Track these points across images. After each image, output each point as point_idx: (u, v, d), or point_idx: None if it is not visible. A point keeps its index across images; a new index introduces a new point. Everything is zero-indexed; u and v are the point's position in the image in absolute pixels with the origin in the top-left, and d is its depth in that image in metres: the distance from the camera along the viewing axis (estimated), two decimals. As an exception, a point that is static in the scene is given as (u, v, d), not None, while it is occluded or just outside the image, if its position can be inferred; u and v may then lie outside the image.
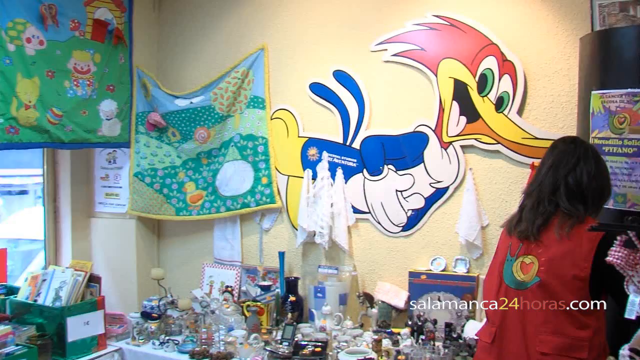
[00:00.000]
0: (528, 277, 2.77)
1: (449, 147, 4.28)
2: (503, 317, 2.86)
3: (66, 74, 4.63)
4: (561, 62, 3.95)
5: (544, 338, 2.71)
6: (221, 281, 5.15)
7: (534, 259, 2.79)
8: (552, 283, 2.71)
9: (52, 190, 5.33)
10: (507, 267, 2.89)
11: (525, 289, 2.77)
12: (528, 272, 2.78)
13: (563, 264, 2.71)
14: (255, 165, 5.00)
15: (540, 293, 2.73)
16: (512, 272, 2.86)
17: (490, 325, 2.95)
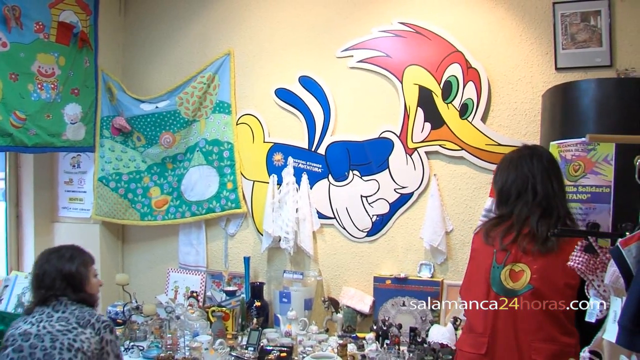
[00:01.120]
0: (519, 285, 2.78)
1: (413, 153, 4.32)
2: (494, 326, 2.83)
3: (30, 77, 4.59)
4: (524, 70, 4.01)
5: (538, 346, 2.74)
6: (186, 286, 5.13)
7: (525, 266, 2.80)
8: (545, 291, 2.75)
9: (14, 195, 5.26)
10: (495, 275, 2.86)
11: (516, 296, 2.78)
12: (519, 279, 2.79)
13: (556, 272, 2.76)
14: (220, 170, 4.99)
15: (533, 301, 2.75)
16: (500, 280, 2.84)
17: (478, 335, 2.89)
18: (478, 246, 3.03)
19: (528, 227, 2.84)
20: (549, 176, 2.94)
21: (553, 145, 3.40)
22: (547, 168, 2.96)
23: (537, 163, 2.96)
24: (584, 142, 3.21)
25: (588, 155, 3.19)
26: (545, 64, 3.97)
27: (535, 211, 2.87)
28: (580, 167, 3.23)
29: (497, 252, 2.88)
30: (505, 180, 2.99)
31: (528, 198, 2.90)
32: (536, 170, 2.94)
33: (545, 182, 2.91)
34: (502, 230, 2.89)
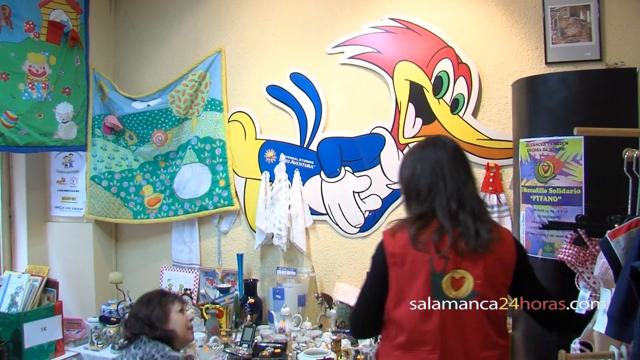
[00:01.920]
0: (462, 292, 2.50)
1: (405, 149, 4.33)
2: (443, 339, 2.49)
3: (21, 77, 4.57)
4: (515, 65, 4.03)
5: (486, 354, 2.52)
6: (180, 284, 5.13)
7: (466, 273, 2.50)
8: (489, 294, 2.52)
9: (6, 195, 5.25)
10: (436, 284, 2.50)
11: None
12: (461, 287, 2.50)
13: (495, 272, 2.55)
14: (212, 167, 5.00)
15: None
16: (442, 289, 2.50)
17: (427, 352, 2.50)
18: (404, 251, 2.56)
19: (458, 226, 2.53)
20: (456, 165, 2.65)
21: (522, 142, 3.40)
22: (453, 157, 2.66)
23: (442, 152, 2.67)
24: (552, 141, 3.20)
25: (557, 155, 3.17)
26: (535, 59, 3.98)
27: (456, 206, 2.57)
28: (549, 168, 3.21)
29: (434, 259, 2.50)
30: (412, 174, 2.70)
31: (440, 191, 2.59)
32: (443, 159, 2.64)
33: (454, 172, 2.62)
34: (432, 233, 2.53)
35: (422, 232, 2.54)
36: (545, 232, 3.21)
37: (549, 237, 3.21)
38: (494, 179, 4.04)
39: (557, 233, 3.16)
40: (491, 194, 4.04)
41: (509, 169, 4.01)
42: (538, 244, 3.27)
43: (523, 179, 3.39)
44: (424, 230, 2.54)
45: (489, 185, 4.05)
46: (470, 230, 2.50)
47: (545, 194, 3.22)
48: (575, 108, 3.19)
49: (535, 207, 3.29)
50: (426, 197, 2.61)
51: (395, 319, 2.54)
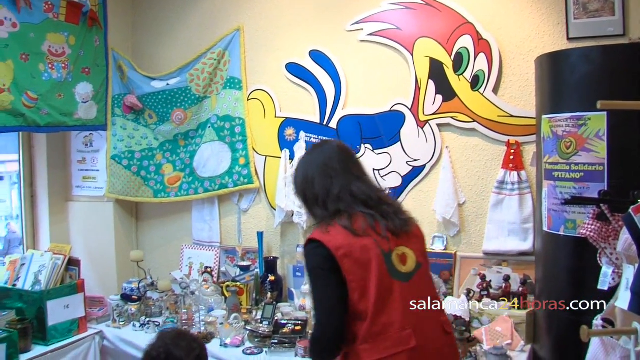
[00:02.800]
0: (409, 267, 2.60)
1: (425, 126, 4.31)
2: (408, 314, 2.51)
3: (41, 57, 4.58)
4: (536, 41, 3.98)
5: (444, 319, 2.68)
6: (200, 262, 5.16)
7: (405, 248, 2.63)
8: (426, 265, 2.72)
9: (28, 175, 5.29)
10: (389, 263, 2.55)
11: (412, 278, 2.59)
12: (407, 261, 2.60)
13: (423, 246, 2.78)
14: (232, 146, 5.00)
15: (425, 277, 2.69)
16: (395, 266, 2.56)
17: (399, 330, 2.47)
18: (348, 242, 2.54)
19: (378, 212, 2.64)
20: (344, 164, 2.73)
21: (545, 119, 3.38)
22: (340, 157, 2.74)
23: (329, 154, 2.75)
24: (574, 117, 3.17)
25: (579, 131, 3.14)
26: (557, 35, 3.93)
27: (363, 197, 2.66)
28: (572, 144, 3.19)
29: (378, 241, 2.56)
30: (305, 180, 2.77)
31: (339, 189, 2.65)
32: (331, 160, 2.72)
33: (345, 170, 2.70)
34: (364, 221, 2.59)
35: (354, 222, 2.58)
36: (568, 209, 3.20)
37: (571, 214, 3.20)
38: (514, 156, 4.02)
39: (579, 210, 3.14)
40: (512, 171, 4.02)
41: (529, 146, 3.99)
42: (560, 221, 3.26)
43: (545, 156, 3.37)
44: (353, 220, 2.59)
45: (509, 163, 4.03)
46: (390, 214, 2.66)
47: (568, 171, 3.20)
48: (598, 84, 3.15)
49: (558, 183, 3.27)
50: (325, 199, 2.67)
51: (361, 310, 2.50)
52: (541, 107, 3.49)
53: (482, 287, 4.00)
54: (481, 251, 4.19)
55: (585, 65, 3.19)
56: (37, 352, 4.10)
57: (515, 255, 4.05)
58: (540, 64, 3.53)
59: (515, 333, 3.63)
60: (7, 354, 3.82)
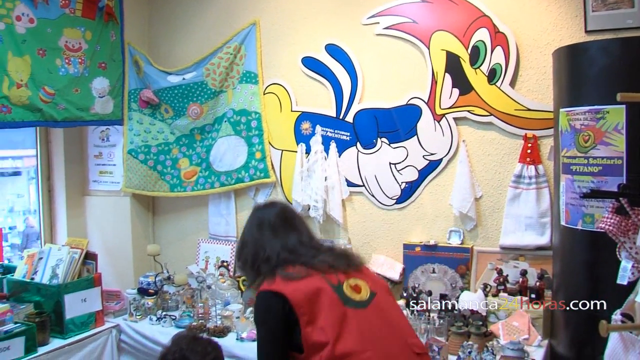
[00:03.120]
0: (364, 294, 2.64)
1: (442, 120, 4.29)
2: (366, 340, 2.51)
3: (57, 52, 4.60)
4: (553, 34, 3.95)
5: (415, 340, 2.67)
6: (217, 256, 5.17)
7: (357, 280, 2.69)
8: (384, 292, 2.77)
9: (46, 170, 5.32)
10: (341, 294, 2.59)
11: (369, 304, 2.62)
12: (360, 290, 2.65)
13: (377, 279, 2.92)
14: (248, 140, 5.00)
15: (386, 303, 2.71)
16: (348, 295, 2.60)
17: (359, 353, 2.47)
18: (294, 286, 2.58)
19: (323, 259, 2.71)
20: (282, 220, 2.87)
21: (562, 112, 3.35)
22: (277, 214, 2.89)
23: (268, 212, 2.93)
24: (593, 111, 3.15)
25: (597, 124, 3.12)
26: (575, 27, 3.90)
27: (304, 249, 2.76)
28: (590, 138, 3.16)
29: (327, 276, 2.63)
30: (246, 243, 2.90)
31: (282, 245, 2.76)
32: (268, 219, 2.88)
33: (282, 226, 2.84)
34: (308, 268, 2.66)
35: (298, 271, 2.63)
36: (586, 203, 3.18)
37: (589, 208, 3.18)
38: (532, 149, 4.00)
39: (597, 204, 3.12)
40: (529, 165, 4.00)
41: (547, 140, 3.97)
42: (578, 215, 3.24)
43: (563, 149, 3.35)
44: (297, 269, 2.64)
45: (526, 156, 4.01)
46: (336, 257, 2.76)
47: (586, 164, 3.18)
48: (617, 76, 3.12)
49: (576, 177, 3.25)
50: (268, 256, 2.74)
51: (319, 341, 2.48)
52: (559, 101, 3.47)
53: (499, 281, 3.98)
54: (498, 245, 4.17)
55: (604, 58, 3.16)
56: (54, 345, 4.13)
57: (532, 250, 4.04)
58: (558, 57, 3.50)
59: (532, 328, 3.62)
60: (26, 347, 3.86)
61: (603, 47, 3.20)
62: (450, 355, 3.48)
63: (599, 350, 2.68)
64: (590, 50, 3.24)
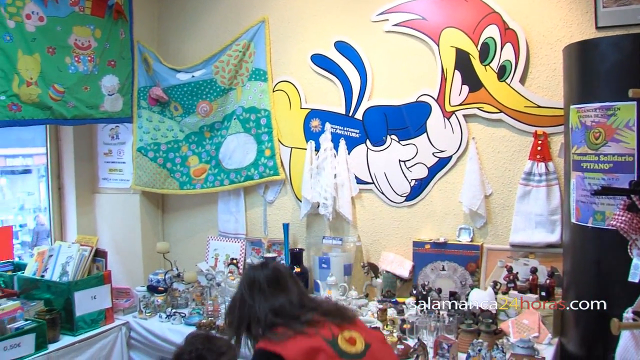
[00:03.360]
0: (358, 348, 2.60)
1: (451, 117, 4.28)
2: None
3: (67, 50, 4.61)
4: (563, 30, 3.93)
5: None
6: (226, 254, 5.18)
7: (351, 332, 2.64)
8: (380, 343, 2.73)
9: (55, 167, 5.33)
10: (336, 348, 2.55)
11: (365, 356, 2.59)
12: (355, 343, 2.60)
13: (371, 330, 2.86)
14: (258, 137, 5.00)
15: (382, 353, 2.69)
16: (343, 349, 2.55)
17: None
18: (291, 344, 2.55)
19: (315, 316, 2.68)
20: (271, 282, 2.81)
21: (573, 109, 3.33)
22: (268, 276, 2.83)
23: (257, 275, 2.85)
24: (603, 107, 3.13)
25: (608, 121, 3.10)
26: (585, 23, 3.88)
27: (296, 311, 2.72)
28: (600, 135, 3.14)
29: (320, 332, 2.59)
30: (235, 305, 2.85)
31: (271, 305, 2.73)
32: (258, 280, 2.82)
33: (271, 288, 2.78)
34: (301, 324, 2.63)
35: (291, 330, 2.59)
36: (596, 200, 3.16)
37: (599, 206, 3.16)
38: (542, 147, 3.98)
39: (608, 201, 3.11)
40: (539, 162, 3.98)
41: (557, 137, 3.95)
42: (588, 213, 3.22)
43: (573, 146, 3.33)
44: (290, 329, 2.60)
45: (536, 154, 3.99)
46: (328, 313, 2.69)
47: (596, 162, 3.16)
48: (627, 73, 3.09)
49: (586, 174, 3.23)
50: (257, 319, 2.69)
51: None
52: (569, 97, 3.45)
53: (509, 279, 3.97)
54: (508, 243, 4.16)
55: (615, 54, 3.14)
56: (65, 342, 4.15)
57: (542, 247, 4.02)
58: (569, 53, 3.48)
59: (542, 326, 3.60)
60: (36, 344, 3.88)
61: (614, 43, 3.18)
62: (460, 353, 3.46)
63: (611, 349, 2.67)
64: (601, 47, 3.22)
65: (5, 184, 6.62)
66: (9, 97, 4.23)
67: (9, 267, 4.70)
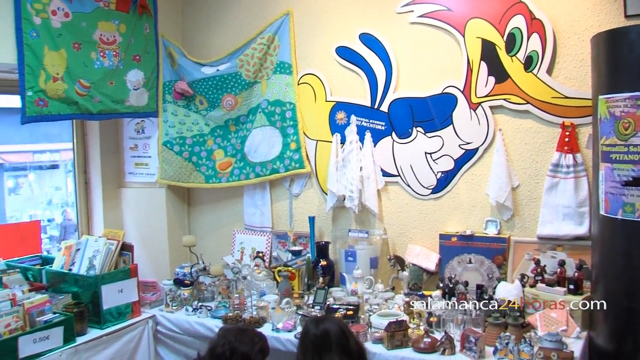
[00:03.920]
0: None
1: (477, 108, 4.25)
2: None
3: (92, 46, 4.64)
4: (591, 19, 3.88)
5: None
6: (252, 247, 5.18)
7: None
8: None
9: (82, 162, 5.37)
10: None
11: None
12: None
13: None
14: (283, 130, 5.00)
15: None
16: None
17: None
18: None
19: None
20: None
21: (601, 99, 3.28)
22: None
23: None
24: (633, 97, 3.08)
25: (638, 111, 3.05)
26: (614, 12, 3.82)
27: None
28: (630, 125, 3.10)
29: None
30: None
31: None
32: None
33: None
34: None
35: None
36: (626, 192, 3.12)
37: (629, 197, 3.12)
38: (569, 138, 3.94)
39: (638, 193, 3.06)
40: (567, 153, 3.94)
41: (585, 128, 3.90)
42: (618, 204, 3.18)
43: (602, 137, 3.28)
44: None
45: (564, 145, 3.95)
46: None
47: (626, 152, 3.12)
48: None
49: (615, 166, 3.18)
50: None
51: None
52: (597, 87, 3.40)
53: (537, 272, 3.92)
54: (535, 235, 4.12)
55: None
56: (92, 335, 4.18)
57: (570, 240, 3.98)
58: (597, 42, 3.43)
59: (570, 319, 3.57)
60: (64, 337, 3.92)
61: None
62: (487, 346, 3.43)
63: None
64: (630, 35, 3.16)
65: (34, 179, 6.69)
66: (36, 93, 4.26)
67: (37, 261, 4.76)
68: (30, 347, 3.70)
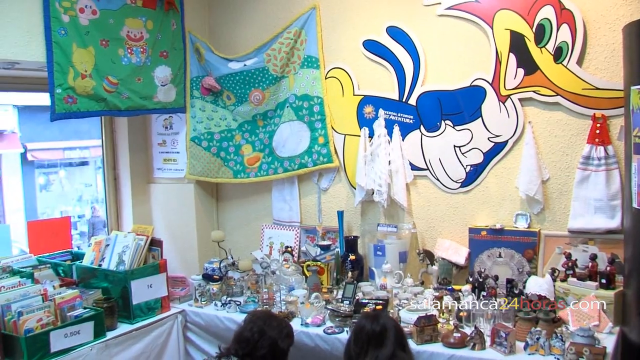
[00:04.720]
0: None
1: (507, 101, 4.20)
2: None
3: (120, 42, 4.66)
4: (623, 9, 3.82)
5: None
6: (281, 242, 5.19)
7: None
8: None
9: (111, 158, 5.41)
10: None
11: None
12: None
13: None
14: (311, 125, 4.99)
15: None
16: None
17: None
18: None
19: None
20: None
21: (634, 90, 3.23)
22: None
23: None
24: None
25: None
26: (646, 1, 3.77)
27: None
28: None
29: None
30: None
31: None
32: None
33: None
34: None
35: None
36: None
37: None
38: (600, 130, 3.89)
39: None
40: (598, 145, 3.89)
41: (617, 119, 3.85)
42: (651, 197, 3.14)
43: (635, 129, 3.24)
44: None
45: (595, 137, 3.90)
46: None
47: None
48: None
49: (648, 158, 3.14)
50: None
51: None
52: (629, 78, 3.35)
53: (568, 266, 3.88)
54: (566, 229, 4.08)
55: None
56: (122, 330, 4.21)
57: (602, 234, 3.93)
58: (628, 32, 3.38)
59: (602, 314, 3.52)
60: (95, 331, 3.96)
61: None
62: (518, 341, 3.40)
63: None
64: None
65: (64, 176, 6.74)
66: (65, 90, 4.29)
67: (67, 257, 4.80)
68: (61, 341, 3.74)
